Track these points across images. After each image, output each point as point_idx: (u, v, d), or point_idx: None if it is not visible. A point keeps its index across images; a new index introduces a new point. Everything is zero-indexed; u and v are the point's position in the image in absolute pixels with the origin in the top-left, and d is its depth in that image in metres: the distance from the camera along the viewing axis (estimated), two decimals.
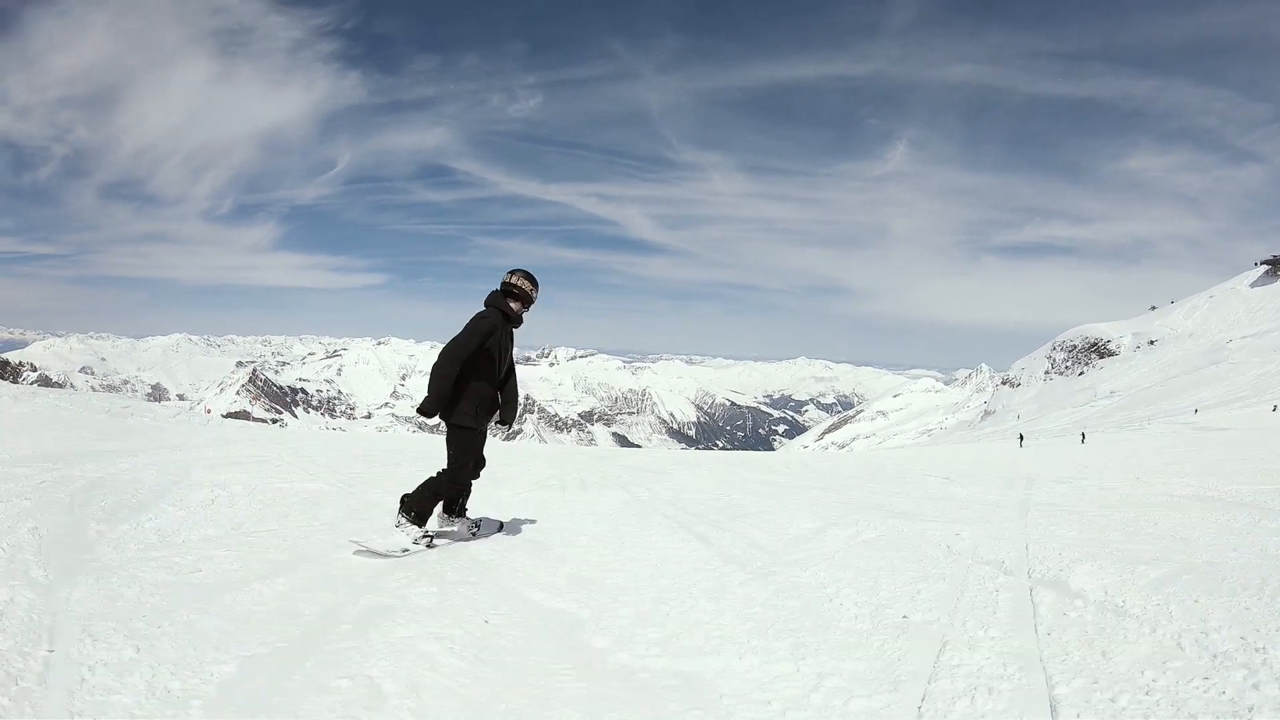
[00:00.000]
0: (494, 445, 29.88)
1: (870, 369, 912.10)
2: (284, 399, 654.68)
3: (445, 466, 7.46)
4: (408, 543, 7.10)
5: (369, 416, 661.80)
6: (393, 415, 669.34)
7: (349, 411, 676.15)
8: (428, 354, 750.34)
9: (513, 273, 7.57)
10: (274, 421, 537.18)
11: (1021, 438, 68.53)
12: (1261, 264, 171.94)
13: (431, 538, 7.35)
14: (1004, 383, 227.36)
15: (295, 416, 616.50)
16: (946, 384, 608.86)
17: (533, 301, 7.66)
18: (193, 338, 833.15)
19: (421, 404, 7.16)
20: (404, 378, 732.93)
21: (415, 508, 7.25)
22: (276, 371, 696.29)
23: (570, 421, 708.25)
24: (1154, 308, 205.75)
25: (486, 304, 7.48)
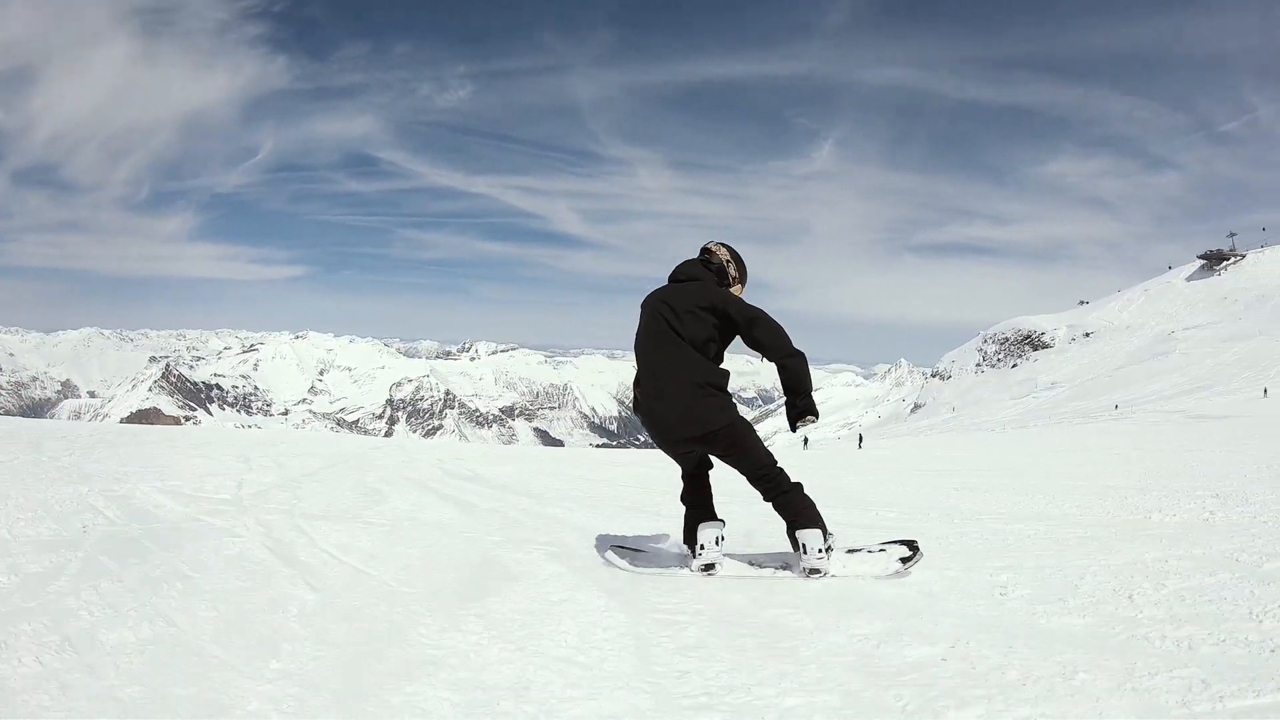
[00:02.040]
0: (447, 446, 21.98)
1: None
2: (198, 395, 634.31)
3: (771, 476, 5.32)
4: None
5: (286, 413, 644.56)
6: (310, 412, 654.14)
7: (265, 408, 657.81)
8: (347, 348, 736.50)
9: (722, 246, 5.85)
10: (187, 420, 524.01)
11: (860, 439, 68.23)
12: (1199, 258, 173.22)
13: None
14: (934, 375, 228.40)
15: (210, 414, 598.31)
16: (866, 378, 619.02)
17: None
18: (105, 332, 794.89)
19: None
20: (322, 373, 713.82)
21: (819, 523, 5.26)
22: (191, 367, 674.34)
23: (491, 417, 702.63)
24: (1083, 302, 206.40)
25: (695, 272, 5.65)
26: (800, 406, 5.25)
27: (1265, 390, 68.09)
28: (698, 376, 5.20)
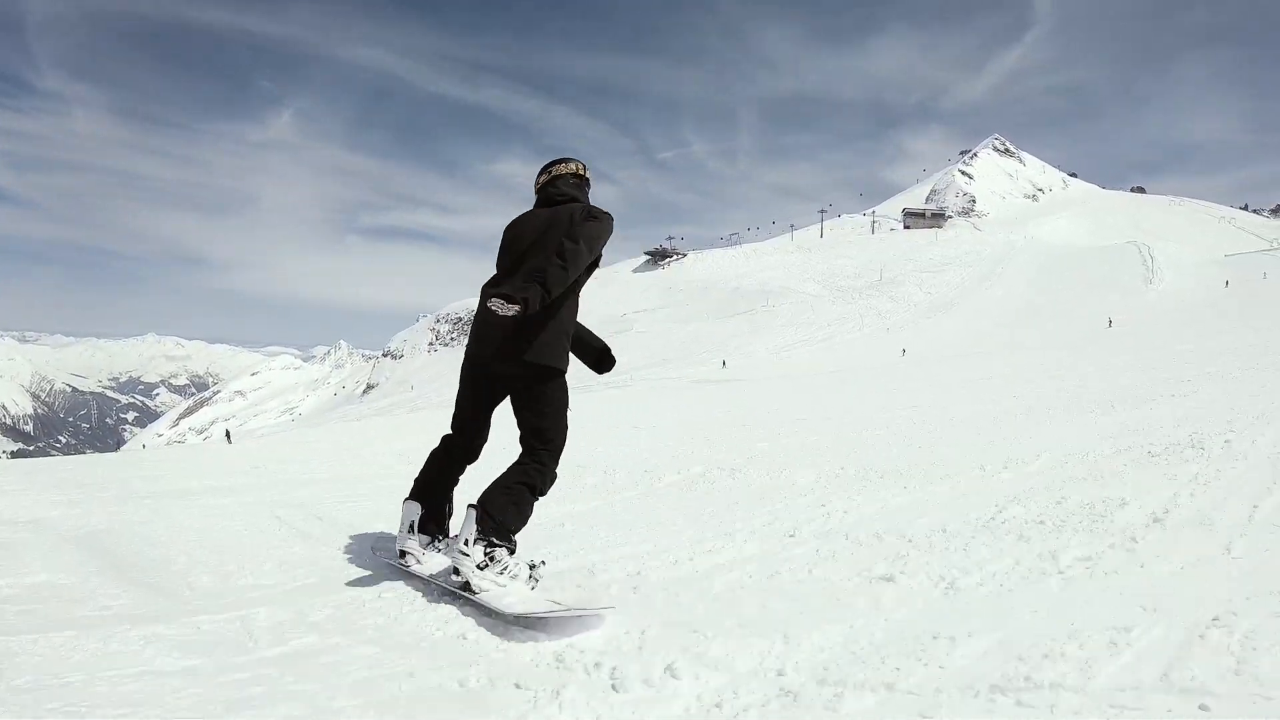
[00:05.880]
0: None
1: (225, 346, 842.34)
2: None
3: (536, 441, 4.29)
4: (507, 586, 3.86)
5: None
6: None
7: None
8: None
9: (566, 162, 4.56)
10: None
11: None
12: (645, 253, 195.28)
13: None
14: (385, 355, 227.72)
15: None
16: (305, 361, 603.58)
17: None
18: None
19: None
20: None
21: (501, 522, 4.05)
22: None
23: None
24: None
25: (566, 198, 4.43)
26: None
27: (724, 362, 72.30)
28: None
